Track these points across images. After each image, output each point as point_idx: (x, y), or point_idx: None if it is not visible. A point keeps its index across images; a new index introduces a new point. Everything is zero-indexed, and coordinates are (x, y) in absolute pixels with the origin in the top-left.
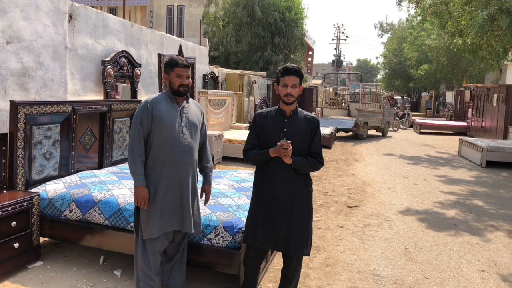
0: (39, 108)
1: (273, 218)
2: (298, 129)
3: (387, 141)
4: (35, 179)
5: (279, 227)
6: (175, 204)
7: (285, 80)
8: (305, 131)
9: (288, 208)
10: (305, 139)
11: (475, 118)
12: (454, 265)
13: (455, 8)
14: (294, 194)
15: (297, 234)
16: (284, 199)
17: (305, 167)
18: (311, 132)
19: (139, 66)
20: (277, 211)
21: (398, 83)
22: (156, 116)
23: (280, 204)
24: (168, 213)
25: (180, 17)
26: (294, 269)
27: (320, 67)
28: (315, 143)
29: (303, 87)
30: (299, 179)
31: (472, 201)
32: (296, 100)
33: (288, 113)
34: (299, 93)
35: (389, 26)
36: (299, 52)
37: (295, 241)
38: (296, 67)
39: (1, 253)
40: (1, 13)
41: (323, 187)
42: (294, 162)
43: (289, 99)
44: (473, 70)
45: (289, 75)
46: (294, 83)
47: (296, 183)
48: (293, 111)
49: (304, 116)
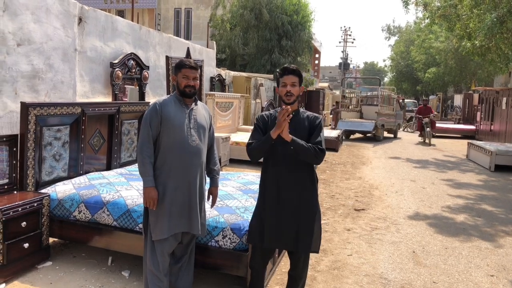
0: (49, 109)
1: (280, 218)
2: (301, 129)
3: (395, 144)
4: (45, 180)
5: (287, 226)
6: (183, 206)
7: (284, 79)
8: (307, 130)
9: (295, 206)
10: (306, 137)
11: (483, 122)
12: (462, 270)
13: (464, 10)
14: (301, 192)
15: (305, 232)
16: (291, 198)
17: (304, 150)
18: (313, 129)
19: (147, 69)
20: (284, 210)
21: (406, 86)
22: (165, 118)
23: (287, 203)
24: (176, 214)
25: (188, 20)
26: (301, 270)
27: (327, 70)
28: (315, 134)
29: (308, 89)
30: (304, 177)
31: (481, 206)
32: (297, 100)
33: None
34: (299, 92)
35: (397, 29)
36: (306, 55)
37: (304, 239)
38: (294, 67)
39: (11, 253)
40: (12, 15)
41: (330, 190)
42: (293, 141)
43: (289, 98)
44: (481, 73)
45: (288, 75)
46: (293, 81)
47: (301, 181)
48: (295, 111)
49: (307, 116)
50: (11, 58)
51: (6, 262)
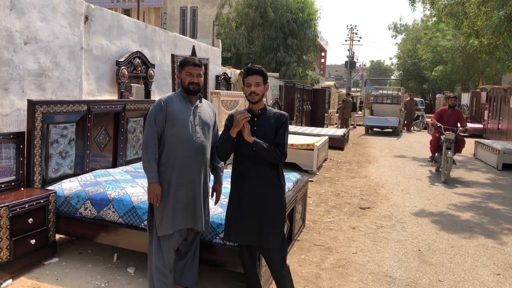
0: (55, 107)
1: (246, 214)
2: (267, 127)
3: (401, 143)
4: (52, 177)
5: (251, 222)
6: (188, 202)
7: (248, 80)
8: (273, 129)
9: (260, 202)
10: (272, 135)
11: (491, 120)
12: (468, 268)
13: (471, 8)
14: (266, 188)
15: (269, 226)
16: (256, 193)
17: (265, 151)
18: (279, 128)
19: (152, 67)
20: (249, 206)
21: (412, 84)
22: (170, 114)
23: (252, 198)
24: (181, 211)
25: (193, 19)
26: (278, 266)
27: (333, 68)
28: (279, 135)
29: (313, 88)
30: (271, 174)
31: (487, 204)
32: (262, 99)
33: (256, 112)
34: (264, 91)
35: (403, 27)
36: (311, 53)
37: (267, 233)
38: (257, 67)
39: (18, 249)
40: (19, 14)
41: (336, 189)
42: (255, 142)
43: (253, 97)
44: (490, 71)
45: (252, 75)
46: (257, 81)
47: (267, 177)
48: (261, 110)
49: (273, 114)
50: (18, 56)
51: (13, 258)
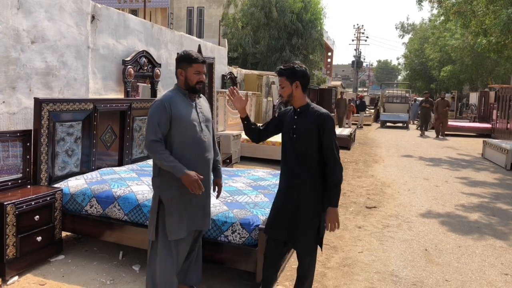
0: (62, 105)
1: (282, 210)
2: (308, 125)
3: (407, 142)
4: (58, 175)
5: (287, 218)
6: (199, 203)
7: (279, 81)
8: (316, 129)
9: (297, 203)
10: (314, 135)
11: (500, 120)
12: (476, 268)
13: (479, 7)
14: (308, 192)
15: (304, 233)
16: (297, 196)
17: (337, 194)
18: (319, 127)
19: (159, 66)
20: (288, 205)
21: (420, 84)
22: (176, 116)
23: (293, 201)
24: (192, 212)
25: (200, 19)
26: (306, 270)
27: (340, 68)
28: (325, 142)
29: (320, 87)
30: (310, 176)
31: (495, 204)
32: (292, 98)
33: (297, 110)
34: (291, 90)
35: (411, 27)
36: (317, 52)
37: (302, 239)
38: (283, 68)
39: (24, 246)
40: (26, 13)
41: (342, 188)
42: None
43: (281, 99)
44: (499, 70)
45: (279, 77)
46: (281, 84)
47: (306, 179)
48: (301, 108)
49: (315, 112)
50: (26, 55)
51: (19, 255)
